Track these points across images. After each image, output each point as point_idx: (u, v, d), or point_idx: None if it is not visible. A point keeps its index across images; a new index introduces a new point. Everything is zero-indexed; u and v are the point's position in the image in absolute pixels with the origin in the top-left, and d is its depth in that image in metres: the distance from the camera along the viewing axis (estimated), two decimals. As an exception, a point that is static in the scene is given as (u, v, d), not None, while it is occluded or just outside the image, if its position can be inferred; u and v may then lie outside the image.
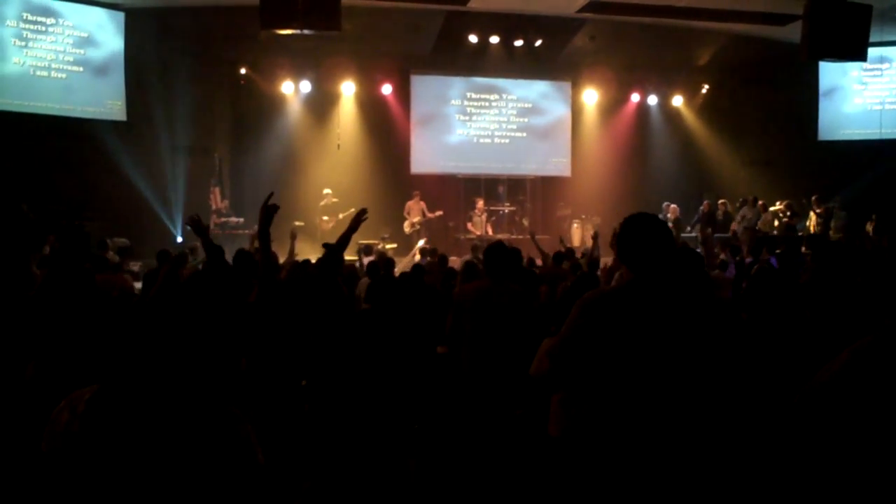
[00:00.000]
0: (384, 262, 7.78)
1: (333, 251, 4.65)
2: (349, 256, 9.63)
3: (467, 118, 16.99)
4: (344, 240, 4.65)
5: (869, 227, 13.85)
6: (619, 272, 5.36)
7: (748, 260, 7.83)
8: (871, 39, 10.88)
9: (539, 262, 8.66)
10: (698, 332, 2.53)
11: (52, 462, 1.84)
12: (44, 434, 1.87)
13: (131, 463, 1.81)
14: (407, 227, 15.40)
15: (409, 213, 15.50)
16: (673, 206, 15.06)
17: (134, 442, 1.82)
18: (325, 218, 14.87)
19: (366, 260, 8.90)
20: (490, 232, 15.36)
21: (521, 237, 14.63)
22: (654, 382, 2.48)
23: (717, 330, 2.59)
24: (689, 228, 14.85)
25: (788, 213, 14.19)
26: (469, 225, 15.72)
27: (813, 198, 14.53)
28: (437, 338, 5.04)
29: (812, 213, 14.37)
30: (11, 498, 2.83)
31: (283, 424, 3.93)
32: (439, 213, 15.53)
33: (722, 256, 9.10)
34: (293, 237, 6.98)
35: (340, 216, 14.91)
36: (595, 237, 8.24)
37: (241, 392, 3.77)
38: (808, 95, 16.50)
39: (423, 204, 15.52)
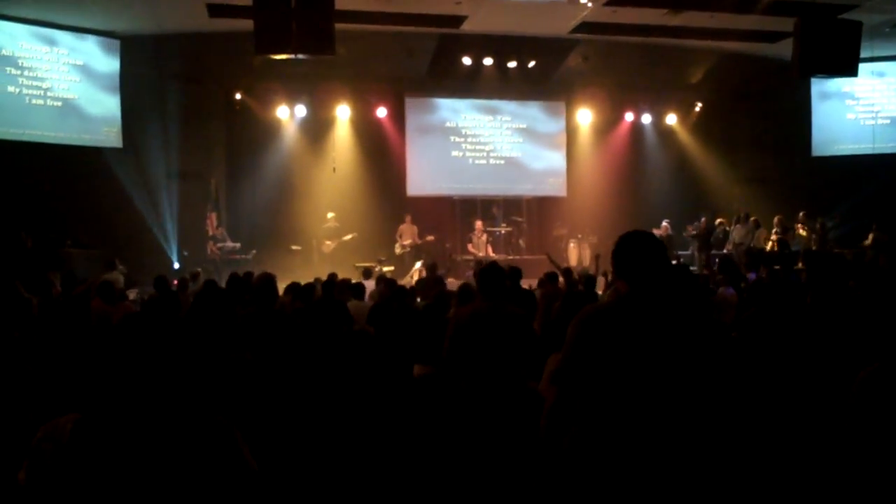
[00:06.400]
0: (387, 284, 7.75)
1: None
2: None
3: (462, 140, 17.02)
4: None
5: (869, 238, 13.85)
6: (611, 288, 5.33)
7: (750, 277, 7.82)
8: (862, 55, 10.97)
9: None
10: (689, 346, 2.59)
11: (37, 492, 1.82)
12: (24, 466, 1.84)
13: (124, 485, 1.81)
14: (398, 249, 15.37)
15: (401, 236, 15.49)
16: (664, 223, 15.09)
17: (125, 464, 1.82)
18: (328, 242, 14.88)
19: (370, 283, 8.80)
20: (490, 253, 15.31)
21: (518, 258, 14.60)
22: (645, 394, 2.53)
23: (708, 344, 2.64)
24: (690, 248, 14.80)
25: (778, 230, 14.21)
26: (469, 246, 15.67)
27: (800, 214, 14.55)
28: (429, 359, 4.99)
29: (799, 229, 14.37)
30: None
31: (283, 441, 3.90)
32: (430, 238, 15.48)
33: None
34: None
35: (346, 238, 14.92)
36: (597, 258, 8.26)
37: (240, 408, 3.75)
38: (800, 112, 16.59)
39: (415, 227, 15.52)
